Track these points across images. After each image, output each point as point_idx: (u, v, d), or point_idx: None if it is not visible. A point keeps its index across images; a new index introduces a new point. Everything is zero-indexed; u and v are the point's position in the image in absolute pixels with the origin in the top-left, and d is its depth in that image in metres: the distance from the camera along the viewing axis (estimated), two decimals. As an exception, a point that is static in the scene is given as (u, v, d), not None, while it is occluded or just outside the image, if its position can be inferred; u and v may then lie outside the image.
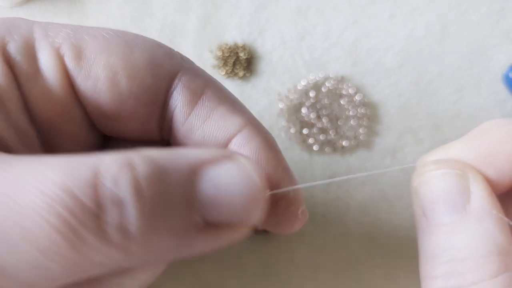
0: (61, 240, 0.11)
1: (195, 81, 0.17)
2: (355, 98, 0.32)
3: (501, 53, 0.34)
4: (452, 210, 0.15)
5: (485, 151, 0.16)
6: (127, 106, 0.17)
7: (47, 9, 0.34)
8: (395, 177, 0.31)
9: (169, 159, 0.13)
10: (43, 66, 0.16)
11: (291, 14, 0.34)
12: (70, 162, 0.12)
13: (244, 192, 0.14)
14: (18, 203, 0.11)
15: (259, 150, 0.17)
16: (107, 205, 0.11)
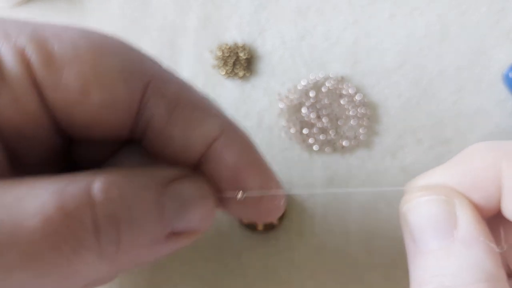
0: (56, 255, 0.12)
1: (170, 88, 0.16)
2: (355, 98, 0.32)
3: (501, 53, 0.34)
4: (440, 236, 0.16)
5: (471, 176, 0.17)
6: (98, 116, 0.16)
7: (47, 9, 0.34)
8: (395, 177, 0.31)
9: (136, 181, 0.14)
10: (8, 72, 0.14)
11: (291, 14, 0.34)
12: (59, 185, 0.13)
13: (201, 206, 0.16)
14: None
15: (239, 154, 0.17)
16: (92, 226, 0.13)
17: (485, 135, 0.32)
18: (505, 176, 0.16)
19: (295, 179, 0.31)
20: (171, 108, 0.16)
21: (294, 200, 0.31)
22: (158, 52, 0.33)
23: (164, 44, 0.33)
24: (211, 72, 0.33)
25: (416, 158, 0.32)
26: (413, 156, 0.32)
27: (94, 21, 0.33)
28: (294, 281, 0.29)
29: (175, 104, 0.16)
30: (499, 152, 0.16)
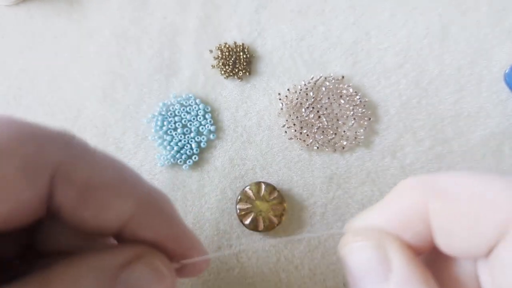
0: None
1: (78, 172, 0.15)
2: (355, 98, 0.32)
3: (502, 52, 0.33)
4: (376, 280, 0.16)
5: (400, 216, 0.16)
6: (5, 219, 0.14)
7: (46, 9, 0.34)
8: (395, 177, 0.31)
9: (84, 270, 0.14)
10: None
11: (291, 14, 0.34)
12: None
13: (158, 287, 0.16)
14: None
15: (156, 230, 0.17)
16: None
17: (486, 135, 0.32)
18: (432, 214, 0.16)
19: (295, 179, 0.31)
20: (80, 194, 0.15)
21: (294, 200, 0.31)
22: (158, 52, 0.33)
23: (164, 44, 0.33)
24: (211, 72, 0.33)
25: (416, 158, 0.32)
26: (413, 156, 0.32)
27: (93, 22, 0.33)
28: (294, 281, 0.29)
29: (84, 189, 0.15)
30: (425, 189, 0.16)
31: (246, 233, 0.30)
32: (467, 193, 0.15)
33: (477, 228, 0.14)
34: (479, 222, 0.14)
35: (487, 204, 0.14)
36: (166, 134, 0.31)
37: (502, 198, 0.14)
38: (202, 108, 0.32)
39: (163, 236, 0.17)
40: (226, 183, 0.31)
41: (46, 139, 0.15)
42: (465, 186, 0.15)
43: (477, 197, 0.15)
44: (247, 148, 0.31)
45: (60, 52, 0.33)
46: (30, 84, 0.32)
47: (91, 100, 0.32)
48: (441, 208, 0.15)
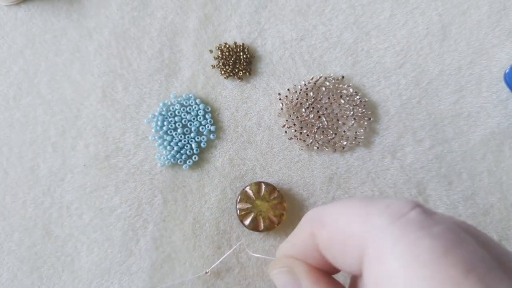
0: None
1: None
2: (355, 98, 0.32)
3: (502, 52, 0.33)
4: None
5: (301, 245, 0.20)
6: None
7: (46, 9, 0.34)
8: (395, 177, 0.31)
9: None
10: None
11: (291, 14, 0.34)
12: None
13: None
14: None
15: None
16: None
17: (486, 135, 0.32)
18: (318, 242, 0.18)
19: (295, 179, 0.31)
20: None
21: (294, 200, 0.31)
22: (157, 52, 0.33)
23: (164, 44, 0.33)
24: (211, 72, 0.33)
25: (416, 158, 0.32)
26: (413, 156, 0.32)
27: (93, 22, 0.33)
28: (294, 281, 0.29)
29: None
30: (314, 220, 0.19)
31: (246, 233, 0.30)
32: (339, 224, 0.17)
33: (346, 254, 0.17)
34: (346, 249, 0.17)
35: (350, 233, 0.16)
36: (166, 134, 0.31)
37: (358, 227, 0.16)
38: (202, 108, 0.32)
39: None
40: (226, 183, 0.31)
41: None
42: (338, 217, 0.17)
43: (344, 227, 0.17)
44: (247, 148, 0.31)
45: (60, 52, 0.33)
46: (30, 84, 0.32)
47: (91, 100, 0.32)
48: (323, 238, 0.18)
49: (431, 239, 0.14)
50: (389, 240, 0.14)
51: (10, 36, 0.33)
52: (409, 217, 0.15)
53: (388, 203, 0.16)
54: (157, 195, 0.30)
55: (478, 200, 0.31)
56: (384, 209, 0.16)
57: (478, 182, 0.31)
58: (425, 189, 0.31)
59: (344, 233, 0.17)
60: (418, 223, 0.15)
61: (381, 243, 0.15)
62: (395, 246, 0.14)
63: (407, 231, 0.14)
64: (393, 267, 0.14)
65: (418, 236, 0.14)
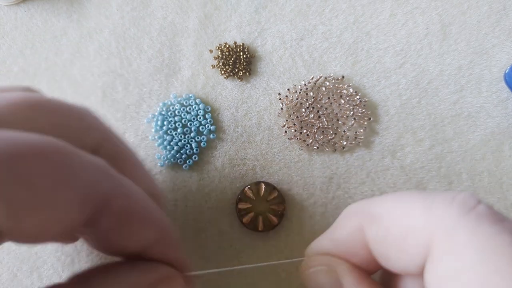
0: None
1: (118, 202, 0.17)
2: (355, 98, 0.32)
3: (502, 52, 0.33)
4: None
5: (344, 242, 0.18)
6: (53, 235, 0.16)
7: (46, 9, 0.34)
8: (395, 177, 0.31)
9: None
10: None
11: (291, 14, 0.34)
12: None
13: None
14: None
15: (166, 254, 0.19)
16: None
17: (486, 135, 0.32)
18: (368, 239, 0.17)
19: (295, 179, 0.31)
20: (116, 222, 0.17)
21: (294, 200, 0.31)
22: (157, 52, 0.33)
23: (164, 44, 0.33)
24: (211, 72, 0.33)
25: (416, 158, 0.32)
26: (413, 156, 0.32)
27: (93, 22, 0.33)
28: (294, 281, 0.29)
29: (120, 218, 0.17)
30: (362, 215, 0.18)
31: (246, 233, 0.30)
32: (395, 217, 0.16)
33: (404, 250, 0.15)
34: (405, 244, 0.15)
35: (410, 227, 0.15)
36: (166, 134, 0.31)
37: (422, 220, 0.15)
38: (202, 108, 0.32)
39: (169, 259, 0.19)
40: (226, 183, 0.31)
41: (96, 171, 0.16)
42: (394, 210, 0.16)
43: (402, 221, 0.16)
44: (247, 148, 0.31)
45: (60, 52, 0.33)
46: (30, 84, 0.32)
47: (91, 100, 0.32)
48: (375, 233, 0.17)
49: (508, 233, 0.13)
50: (464, 234, 0.14)
51: (10, 36, 0.33)
52: (479, 211, 0.14)
53: (452, 196, 0.15)
54: (157, 195, 0.30)
55: (478, 200, 0.31)
56: (449, 202, 0.15)
57: (478, 182, 0.31)
58: (425, 189, 0.31)
59: (402, 228, 0.15)
60: (491, 217, 0.14)
61: (454, 237, 0.14)
62: (471, 240, 0.13)
63: (482, 225, 0.14)
64: (471, 260, 0.13)
65: (494, 231, 0.13)
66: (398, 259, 0.16)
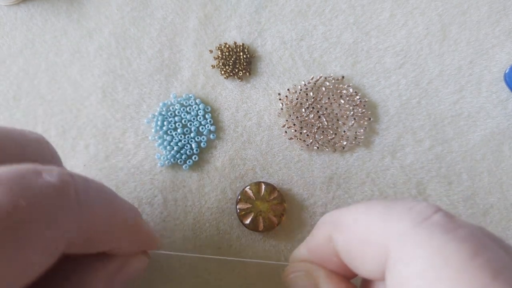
0: None
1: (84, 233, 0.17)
2: (355, 98, 0.32)
3: (502, 52, 0.33)
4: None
5: (318, 249, 0.19)
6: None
7: (46, 8, 0.34)
8: (395, 177, 0.31)
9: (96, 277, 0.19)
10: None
11: (291, 14, 0.34)
12: None
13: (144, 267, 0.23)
14: None
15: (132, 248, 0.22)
16: None
17: (486, 135, 0.32)
18: (336, 246, 0.18)
19: (295, 179, 0.31)
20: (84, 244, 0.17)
21: (294, 200, 0.31)
22: (157, 52, 0.33)
23: (164, 44, 0.33)
24: (211, 72, 0.33)
25: (416, 158, 0.32)
26: (413, 156, 0.32)
27: (93, 22, 0.33)
28: (293, 281, 0.29)
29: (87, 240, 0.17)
30: (331, 224, 0.19)
31: (246, 233, 0.30)
32: (357, 227, 0.17)
33: (365, 258, 0.16)
34: (366, 252, 0.16)
35: (369, 236, 0.16)
36: (166, 134, 0.31)
37: (379, 230, 0.16)
38: (202, 108, 0.32)
39: (136, 248, 0.22)
40: (226, 183, 0.31)
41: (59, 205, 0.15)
42: (357, 220, 0.17)
43: (363, 230, 0.16)
44: (247, 148, 0.31)
45: (60, 52, 0.33)
46: (30, 84, 0.32)
47: (91, 100, 0.32)
48: (341, 242, 0.18)
49: (458, 242, 0.14)
50: (414, 243, 0.14)
51: (10, 36, 0.33)
52: (433, 220, 0.15)
53: (410, 206, 0.16)
54: (157, 195, 0.30)
55: (478, 200, 0.31)
56: (406, 212, 0.15)
57: (478, 182, 0.31)
58: (425, 189, 0.31)
59: (364, 237, 0.16)
60: (443, 226, 0.14)
61: (405, 246, 0.15)
62: (421, 248, 0.14)
63: (432, 234, 0.14)
64: (419, 269, 0.14)
65: (445, 239, 0.14)
66: (362, 266, 0.17)
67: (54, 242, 0.15)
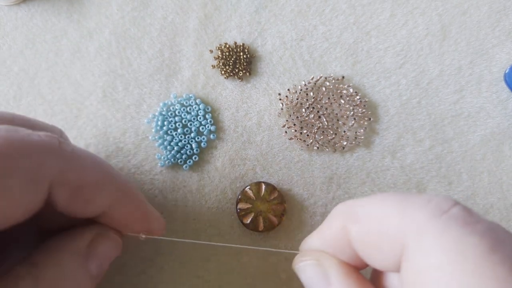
0: None
1: (70, 177, 0.18)
2: (355, 98, 0.32)
3: (502, 52, 0.33)
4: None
5: (331, 239, 0.19)
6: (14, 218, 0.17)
7: (46, 9, 0.34)
8: (395, 177, 0.31)
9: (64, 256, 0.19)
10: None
11: (291, 14, 0.34)
12: None
13: (117, 252, 0.23)
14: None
15: (128, 214, 0.22)
16: None
17: (486, 135, 0.32)
18: (350, 237, 0.18)
19: (295, 179, 0.31)
20: (71, 193, 0.19)
21: (294, 200, 0.31)
22: (158, 52, 0.33)
23: (164, 44, 0.33)
24: (211, 72, 0.33)
25: (416, 158, 0.32)
26: (413, 156, 0.32)
27: (93, 22, 0.33)
28: (294, 281, 0.29)
29: (74, 189, 0.19)
30: (346, 214, 0.18)
31: (246, 233, 0.30)
32: (374, 218, 0.17)
33: (381, 249, 0.16)
34: (382, 244, 0.16)
35: (386, 228, 0.16)
36: (166, 134, 0.31)
37: (396, 222, 0.16)
38: (203, 108, 0.32)
39: (133, 217, 0.22)
40: (226, 183, 0.31)
41: (44, 150, 0.17)
42: (374, 211, 0.17)
43: (380, 222, 0.16)
44: (247, 148, 0.32)
45: (60, 52, 0.33)
46: (30, 84, 0.32)
47: (91, 100, 0.32)
48: (356, 233, 0.18)
49: (477, 236, 0.14)
50: (433, 235, 0.14)
51: (10, 36, 0.33)
52: (452, 213, 0.15)
53: (428, 199, 0.16)
54: (157, 195, 0.30)
55: (478, 200, 0.31)
56: (425, 204, 0.15)
57: (478, 182, 0.31)
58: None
59: (381, 228, 0.16)
60: (462, 220, 0.14)
61: (424, 238, 0.15)
62: (440, 240, 0.14)
63: (452, 227, 0.14)
64: (437, 261, 0.14)
65: (463, 232, 0.14)
66: (377, 257, 0.17)
67: (37, 180, 0.17)
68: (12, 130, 0.17)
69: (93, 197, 0.20)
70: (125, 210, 0.22)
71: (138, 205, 0.23)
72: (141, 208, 0.23)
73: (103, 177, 0.20)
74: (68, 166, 0.18)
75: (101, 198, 0.20)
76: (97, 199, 0.20)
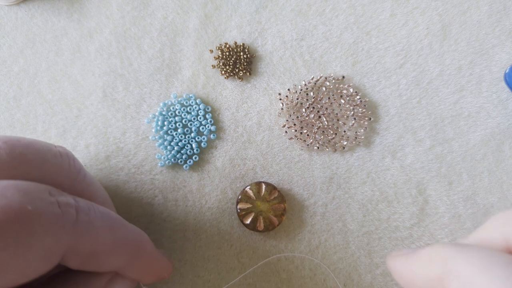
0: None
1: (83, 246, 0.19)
2: (355, 98, 0.32)
3: (503, 52, 0.33)
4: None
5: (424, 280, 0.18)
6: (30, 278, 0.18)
7: (46, 9, 0.34)
8: (395, 177, 0.31)
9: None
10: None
11: (292, 14, 0.34)
12: None
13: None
14: None
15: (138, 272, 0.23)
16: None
17: (486, 135, 0.32)
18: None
19: (295, 179, 0.31)
20: (83, 260, 0.19)
21: (295, 200, 0.31)
22: (158, 52, 0.33)
23: (164, 44, 0.33)
24: (211, 72, 0.33)
25: (416, 158, 0.32)
26: (413, 156, 0.32)
27: (93, 22, 0.33)
28: (294, 280, 0.29)
29: (87, 257, 0.19)
30: (443, 264, 0.17)
31: (246, 233, 0.30)
32: (477, 283, 0.15)
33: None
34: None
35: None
36: (166, 134, 0.31)
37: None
38: (203, 108, 0.32)
39: (143, 273, 0.23)
40: (226, 183, 0.31)
41: (62, 225, 0.18)
42: (477, 274, 0.16)
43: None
44: (248, 148, 0.32)
45: (61, 52, 0.33)
46: (30, 84, 0.32)
47: (92, 100, 0.32)
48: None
49: None
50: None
51: (11, 36, 0.33)
52: None
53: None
54: (158, 195, 0.30)
55: (478, 200, 0.31)
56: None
57: (478, 182, 0.31)
58: (425, 189, 0.31)
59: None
60: None
61: None
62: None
63: None
64: None
65: None
66: None
67: (50, 250, 0.17)
68: (37, 198, 0.17)
69: (105, 262, 0.20)
70: (136, 270, 0.23)
71: (149, 263, 0.23)
72: (151, 264, 0.24)
73: (116, 243, 0.21)
74: (82, 238, 0.19)
75: (113, 263, 0.21)
76: (109, 264, 0.21)
